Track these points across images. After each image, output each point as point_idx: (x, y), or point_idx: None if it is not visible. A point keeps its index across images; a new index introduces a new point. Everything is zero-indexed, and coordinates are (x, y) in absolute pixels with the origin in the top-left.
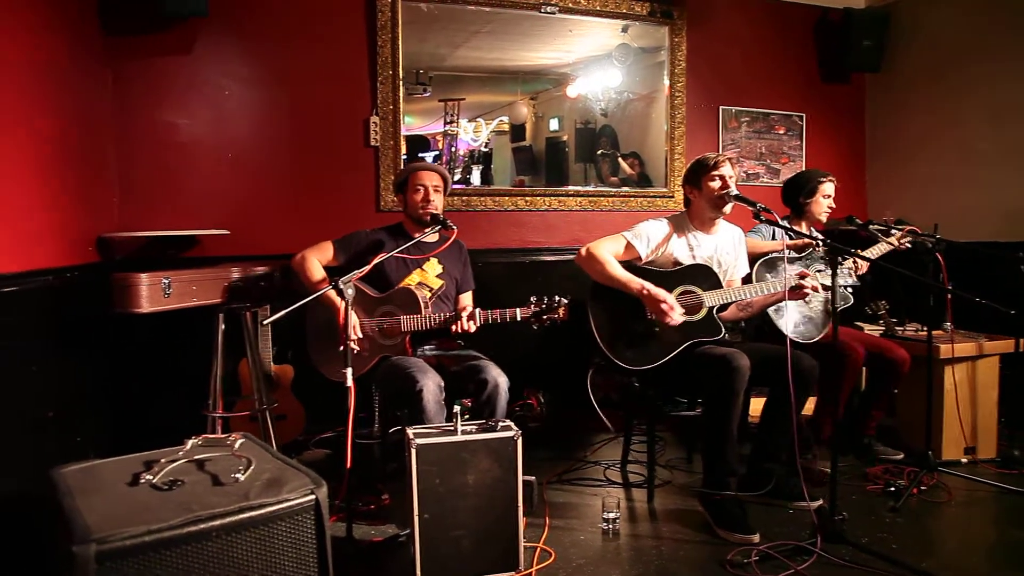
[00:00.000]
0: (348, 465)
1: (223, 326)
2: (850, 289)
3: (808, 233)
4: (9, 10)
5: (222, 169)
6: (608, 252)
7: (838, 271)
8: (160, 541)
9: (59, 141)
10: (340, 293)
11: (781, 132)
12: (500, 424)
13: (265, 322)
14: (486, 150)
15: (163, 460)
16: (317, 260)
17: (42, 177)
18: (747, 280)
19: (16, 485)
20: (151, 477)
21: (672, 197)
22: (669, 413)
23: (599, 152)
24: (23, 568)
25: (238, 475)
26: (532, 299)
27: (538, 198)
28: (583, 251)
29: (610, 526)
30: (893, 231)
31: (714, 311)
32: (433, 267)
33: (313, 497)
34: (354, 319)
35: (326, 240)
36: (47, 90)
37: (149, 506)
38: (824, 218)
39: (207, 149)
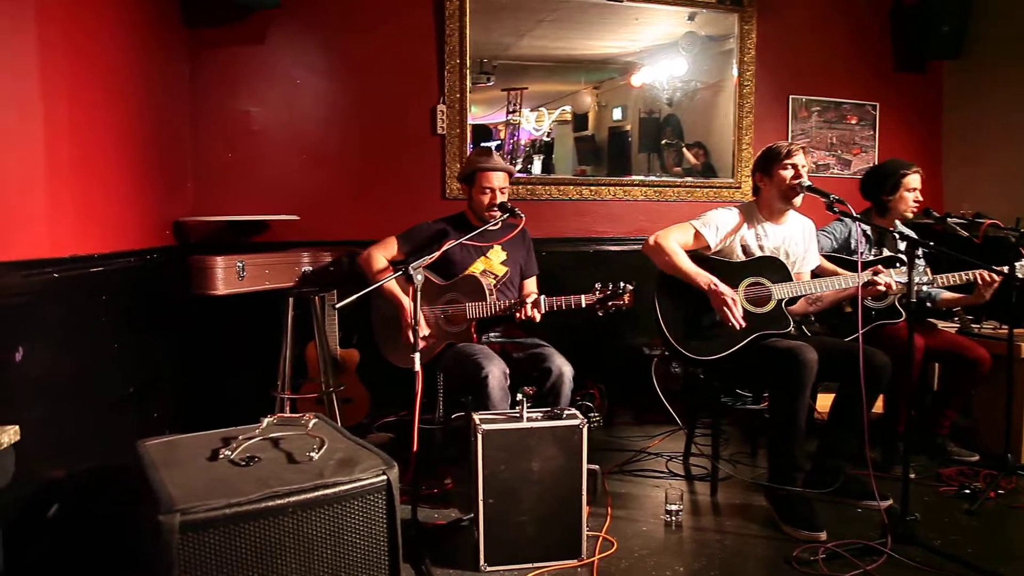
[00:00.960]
0: (415, 448)
1: (293, 310)
2: (925, 288)
3: (893, 229)
4: (99, 8)
5: (292, 156)
6: (676, 242)
7: (914, 269)
8: (239, 515)
9: (142, 131)
10: (409, 279)
11: (853, 122)
12: (565, 412)
13: (337, 306)
14: (548, 139)
15: (240, 437)
16: (382, 255)
17: (125, 164)
18: (817, 274)
19: (101, 457)
20: (229, 453)
21: (739, 188)
22: (734, 406)
23: (663, 142)
24: (108, 537)
25: (312, 454)
26: (597, 286)
27: (602, 187)
28: (651, 240)
29: (672, 518)
30: (976, 220)
31: (783, 304)
32: (497, 254)
33: (385, 478)
34: (423, 311)
35: (390, 236)
36: (135, 85)
37: (228, 480)
38: (911, 214)
39: (278, 137)
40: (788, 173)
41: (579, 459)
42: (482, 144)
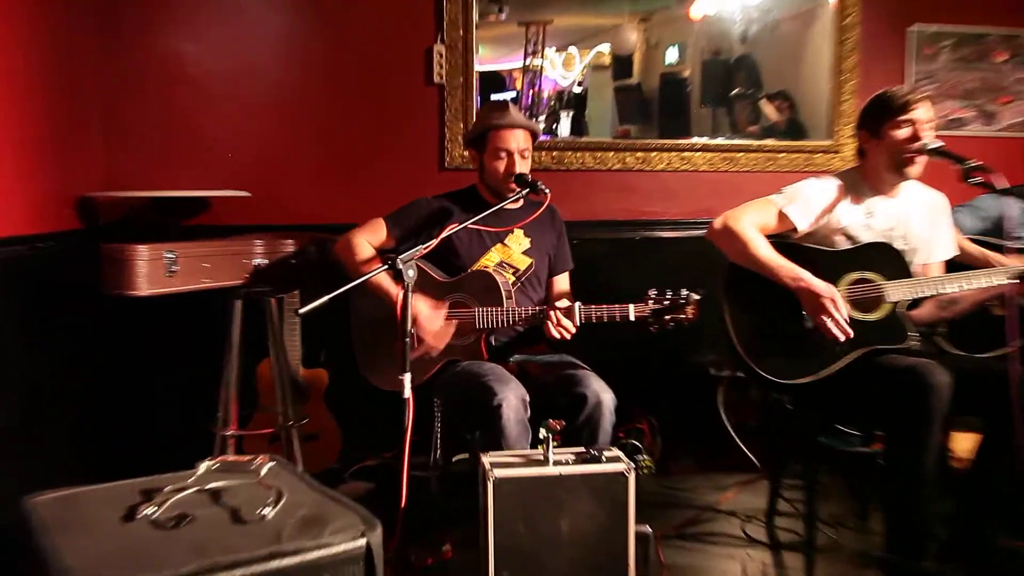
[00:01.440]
0: (403, 502)
1: (241, 317)
2: None
3: None
4: None
5: (240, 113)
6: (753, 224)
7: None
8: None
9: (28, 75)
10: (398, 276)
11: (1001, 60)
12: (605, 454)
13: (300, 311)
14: (579, 90)
15: (167, 489)
16: (365, 242)
17: (3, 120)
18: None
19: None
20: (153, 511)
21: (836, 153)
22: (835, 447)
23: (734, 92)
24: None
25: (266, 511)
26: (651, 293)
27: (652, 154)
28: (718, 223)
29: None
30: None
31: (900, 308)
32: (518, 241)
33: (363, 542)
34: (426, 309)
35: (376, 218)
36: (15, 10)
37: (151, 548)
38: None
39: (221, 86)
40: (905, 133)
41: (624, 518)
42: (493, 97)
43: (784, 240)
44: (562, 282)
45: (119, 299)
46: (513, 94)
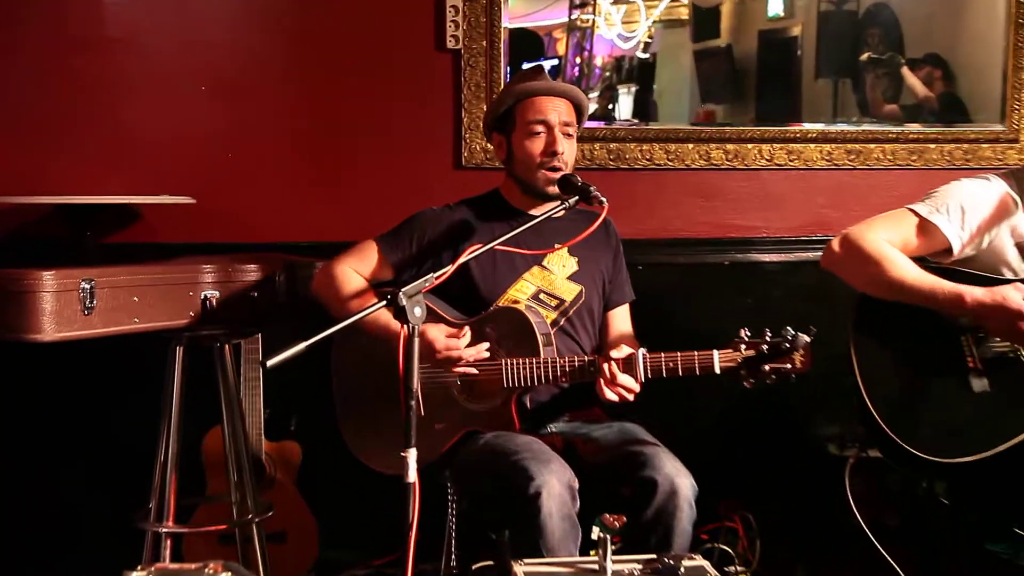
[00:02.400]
0: None
1: (182, 369)
2: None
3: None
4: None
5: (182, 89)
6: (887, 242)
7: None
8: None
9: None
10: (400, 315)
11: None
12: (684, 564)
13: (269, 363)
14: (645, 57)
15: None
16: (354, 272)
17: None
18: None
19: None
20: None
21: (1014, 143)
22: (1009, 559)
23: (864, 57)
24: None
25: None
26: (743, 335)
27: (747, 146)
28: (838, 243)
29: None
30: None
31: None
32: (562, 263)
33: None
34: (431, 326)
35: (365, 240)
36: None
37: None
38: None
39: (155, 52)
40: None
41: None
42: (526, 67)
43: (930, 265)
44: (620, 319)
45: (14, 346)
46: (555, 62)
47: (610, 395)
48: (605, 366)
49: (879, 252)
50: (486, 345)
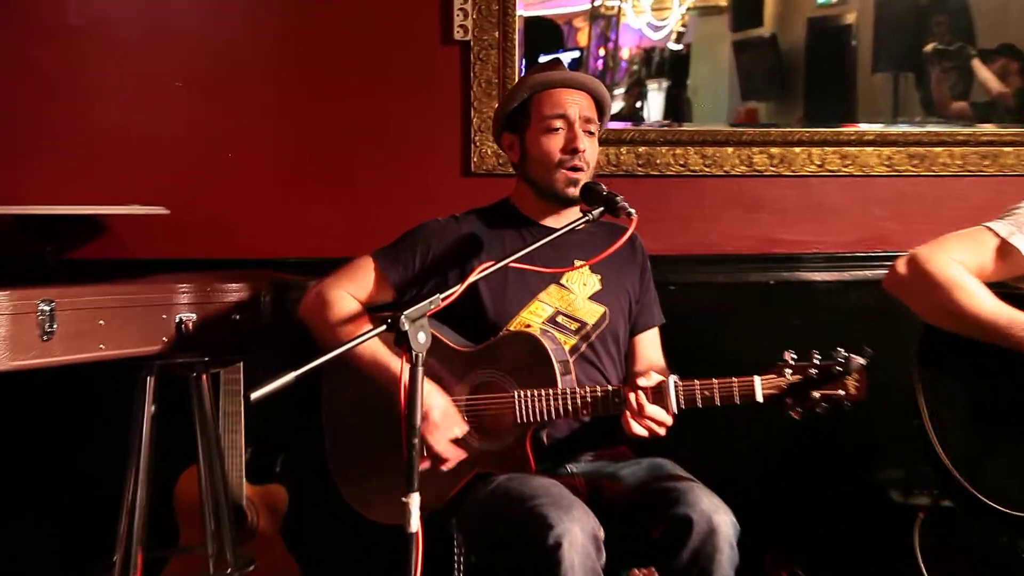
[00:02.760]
0: None
1: (153, 401)
2: None
3: None
4: None
5: (155, 86)
6: (958, 264)
7: None
8: None
9: None
10: (401, 339)
11: None
12: None
13: (253, 396)
14: (678, 48)
15: None
16: (347, 295)
17: None
18: None
19: None
20: None
21: None
22: None
23: (928, 47)
24: None
25: None
26: (788, 357)
27: (795, 149)
28: (904, 263)
29: None
30: None
31: None
32: (583, 282)
33: None
34: (439, 396)
35: (361, 256)
36: None
37: None
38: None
39: (126, 48)
40: None
41: None
42: (543, 60)
43: (1009, 292)
44: (649, 345)
45: None
46: (576, 54)
47: (638, 429)
48: (632, 396)
49: (950, 278)
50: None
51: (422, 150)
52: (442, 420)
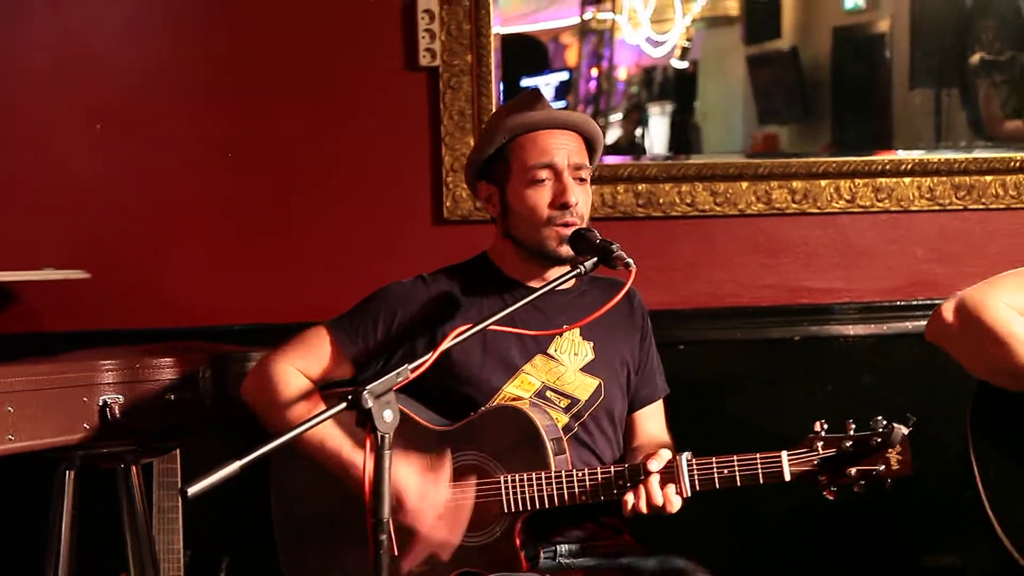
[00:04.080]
0: None
1: (73, 499)
2: None
3: None
4: None
5: (71, 127)
6: (1015, 311)
7: None
8: None
9: None
10: (364, 420)
11: None
12: None
13: (191, 491)
14: (683, 66)
15: None
16: (296, 371)
17: None
18: None
19: None
20: None
21: None
22: None
23: (976, 60)
24: None
25: None
26: (819, 428)
27: (820, 183)
28: (950, 309)
29: None
30: None
31: None
32: (573, 351)
33: None
34: (414, 482)
35: (313, 327)
36: None
37: None
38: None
39: (36, 85)
40: None
41: None
42: (526, 83)
43: None
44: (651, 421)
45: None
46: (563, 76)
47: (644, 508)
48: (647, 471)
49: (1006, 326)
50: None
51: (386, 195)
52: (420, 502)
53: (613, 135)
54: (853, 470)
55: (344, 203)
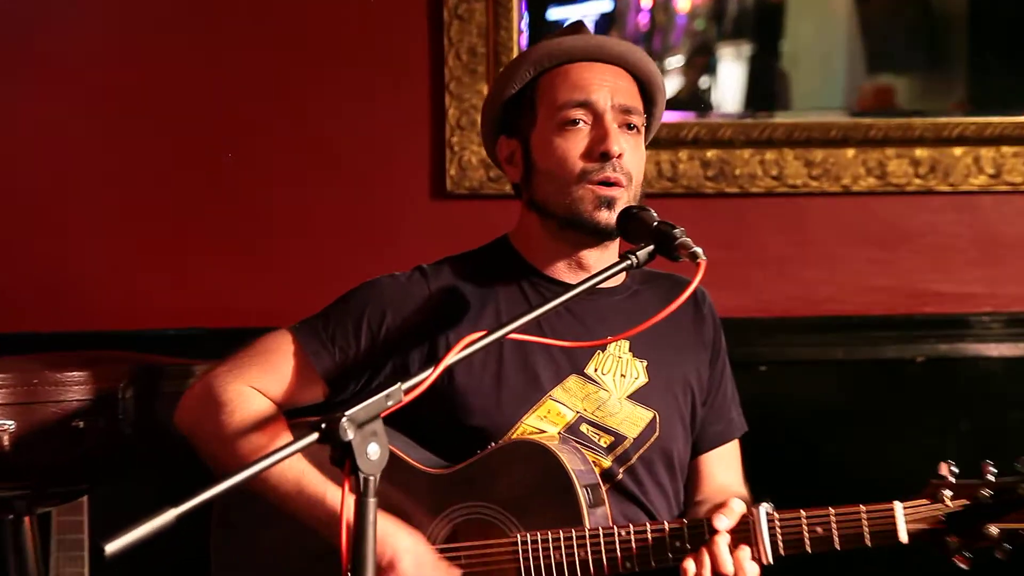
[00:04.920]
0: None
1: None
2: None
3: None
4: None
5: None
6: None
7: None
8: None
9: None
10: (341, 457)
11: None
12: None
13: (108, 549)
14: None
15: None
16: (253, 390)
17: None
18: None
19: None
20: None
21: None
22: None
23: None
24: None
25: None
26: (946, 472)
27: (952, 150)
28: None
29: None
30: None
31: None
32: (619, 371)
33: None
34: (406, 538)
35: (276, 330)
36: None
37: None
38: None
39: None
40: None
41: None
42: (554, 15)
43: None
44: (724, 465)
45: None
46: (605, 6)
47: (704, 574)
48: (713, 529)
49: None
50: None
51: (371, 160)
52: (417, 570)
53: (672, 86)
54: (994, 528)
55: (314, 170)
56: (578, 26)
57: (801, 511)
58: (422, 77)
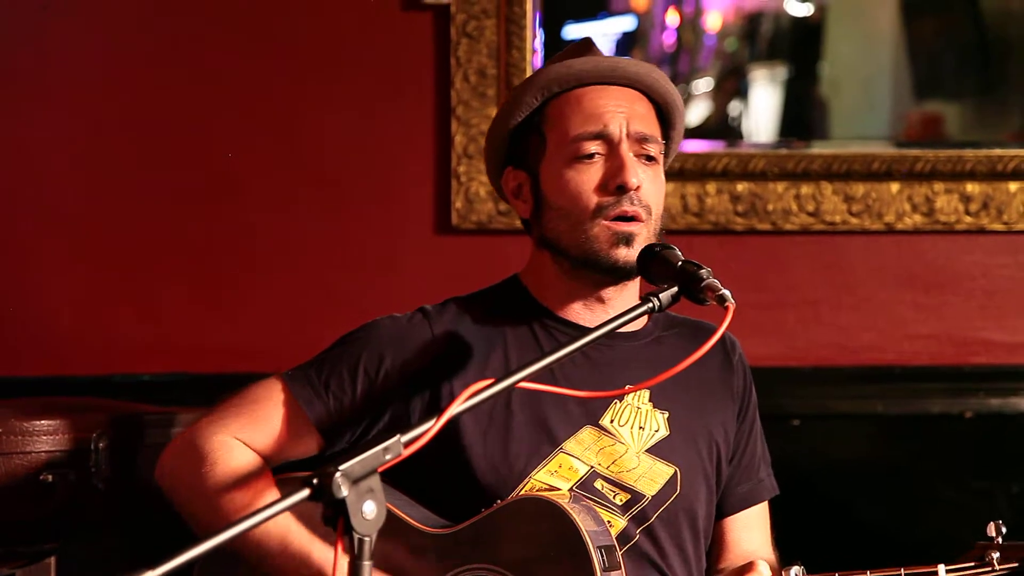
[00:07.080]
0: None
1: None
2: None
3: None
4: None
5: None
6: None
7: None
8: None
9: None
10: (333, 516)
11: None
12: None
13: None
14: (802, 12)
15: None
16: (238, 443)
17: None
18: None
19: None
20: None
21: None
22: None
23: None
24: None
25: None
26: (994, 533)
27: (1007, 185)
28: None
29: None
30: None
31: None
32: (638, 424)
33: None
34: None
35: (266, 380)
36: None
37: None
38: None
39: None
40: None
41: None
42: (571, 32)
43: None
44: (751, 530)
45: None
46: (628, 23)
47: None
48: None
49: None
50: None
51: (370, 190)
52: None
53: (699, 111)
54: None
55: (307, 203)
56: (587, 44)
57: (836, 574)
58: (427, 100)
